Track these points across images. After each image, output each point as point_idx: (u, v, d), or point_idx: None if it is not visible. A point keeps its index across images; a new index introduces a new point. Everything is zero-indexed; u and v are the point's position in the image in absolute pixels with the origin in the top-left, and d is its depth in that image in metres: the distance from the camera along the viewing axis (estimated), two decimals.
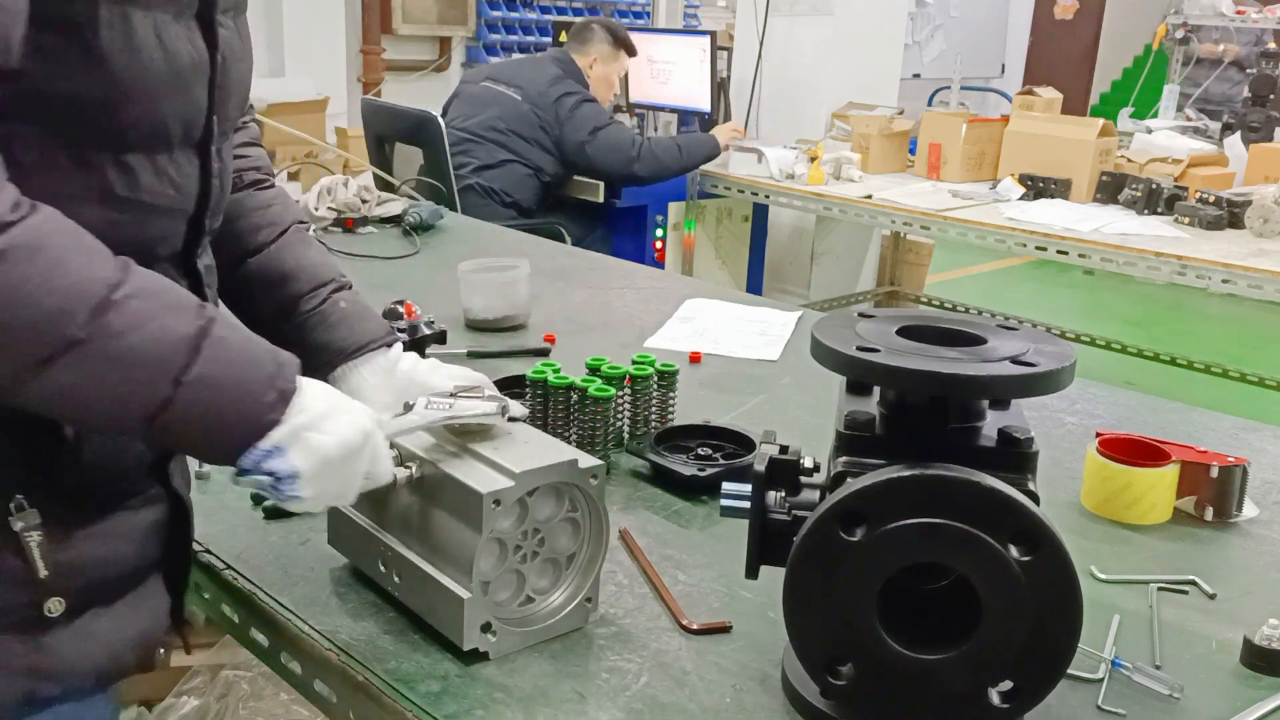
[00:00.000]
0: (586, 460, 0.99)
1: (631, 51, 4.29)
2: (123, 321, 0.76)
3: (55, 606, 0.87)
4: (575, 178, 4.28)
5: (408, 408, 1.00)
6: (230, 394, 0.81)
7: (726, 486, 0.93)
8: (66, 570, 0.87)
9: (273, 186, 1.19)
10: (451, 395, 1.02)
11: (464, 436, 1.01)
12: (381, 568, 1.04)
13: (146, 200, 0.86)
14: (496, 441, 1.00)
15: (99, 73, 0.79)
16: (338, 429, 0.87)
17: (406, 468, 0.99)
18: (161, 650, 1.01)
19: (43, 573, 0.85)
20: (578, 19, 6.92)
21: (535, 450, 0.99)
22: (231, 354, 0.81)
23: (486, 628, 0.96)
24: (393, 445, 1.01)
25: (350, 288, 1.17)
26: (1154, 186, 3.61)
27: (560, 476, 0.97)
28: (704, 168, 4.35)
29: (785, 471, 0.92)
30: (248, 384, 0.82)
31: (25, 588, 0.86)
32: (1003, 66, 10.05)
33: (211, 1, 0.90)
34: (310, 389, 0.87)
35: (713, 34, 4.47)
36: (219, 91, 0.92)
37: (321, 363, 1.10)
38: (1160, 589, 1.15)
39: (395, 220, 2.74)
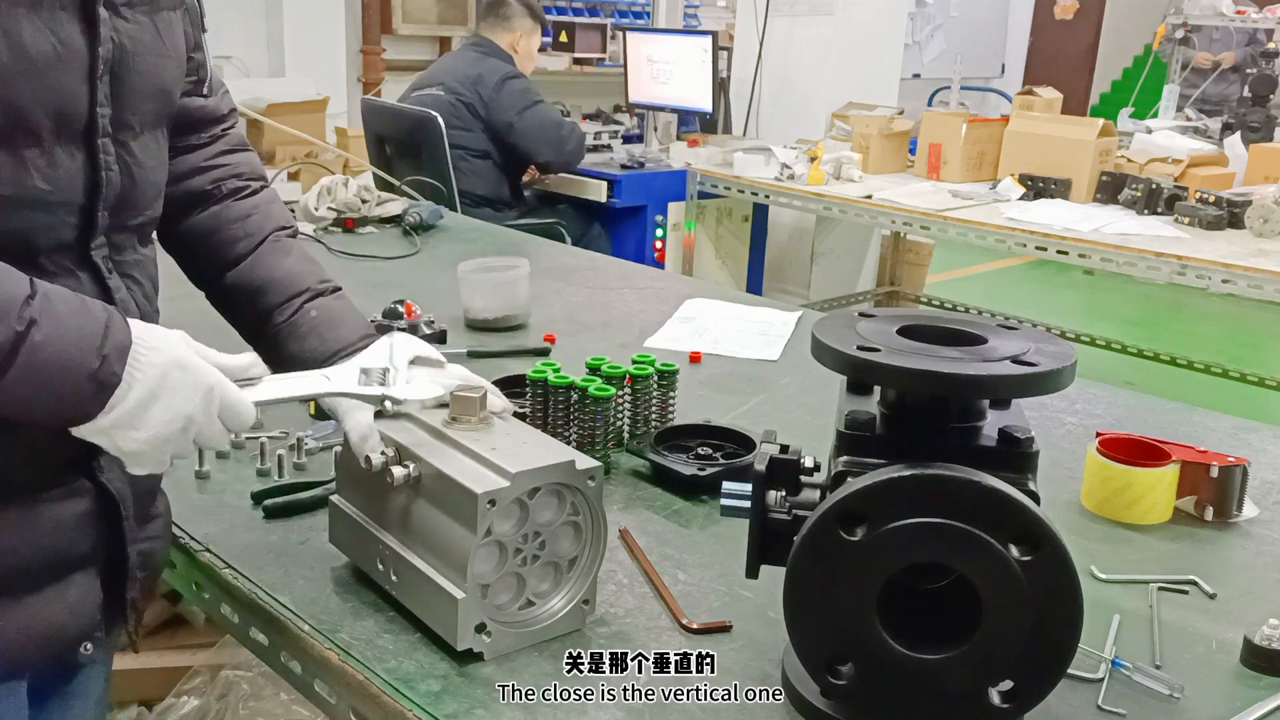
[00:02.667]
0: (584, 461, 0.99)
1: (545, 22, 4.25)
2: None
3: None
4: (571, 176, 4.30)
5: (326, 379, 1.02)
6: (47, 394, 0.81)
7: (727, 486, 0.93)
8: None
9: (257, 193, 1.17)
10: (386, 370, 1.02)
11: (460, 433, 1.01)
12: (379, 566, 1.04)
13: (6, 192, 0.84)
14: (495, 441, 1.00)
15: None
16: (151, 421, 0.85)
17: (404, 467, 0.99)
18: (88, 645, 0.98)
19: None
20: (578, 19, 6.93)
21: (533, 450, 0.99)
22: (45, 357, 0.80)
23: (481, 628, 0.96)
24: (390, 443, 1.01)
25: (330, 292, 1.14)
26: (1154, 186, 3.61)
27: (557, 477, 0.97)
28: (704, 168, 4.36)
29: (785, 471, 0.92)
30: (61, 385, 0.81)
31: None
32: (1003, 66, 10.05)
33: None
34: (143, 366, 0.84)
35: (714, 34, 4.47)
36: (116, 84, 0.90)
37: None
38: (1160, 589, 1.15)
39: (395, 220, 2.74)
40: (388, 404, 1.01)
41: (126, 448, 0.85)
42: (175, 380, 0.85)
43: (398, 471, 0.98)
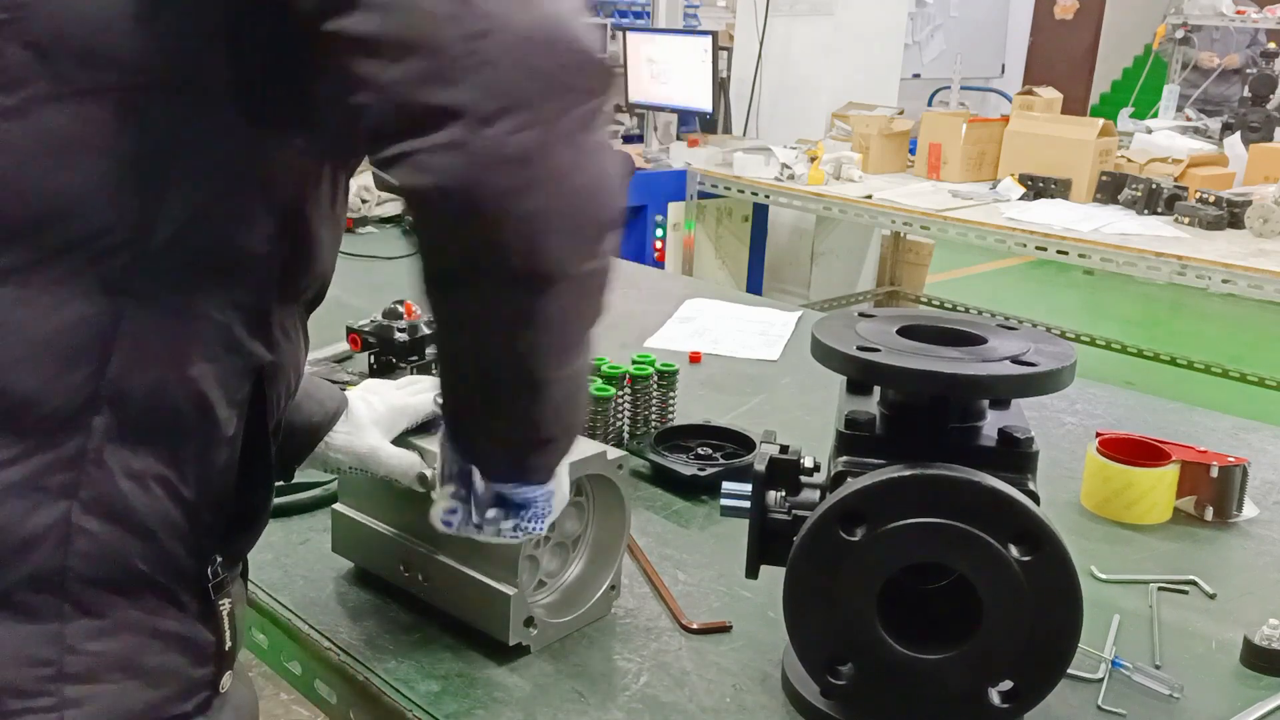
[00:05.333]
0: (613, 451, 1.02)
1: None
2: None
3: (227, 681, 0.78)
4: None
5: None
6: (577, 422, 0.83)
7: (726, 486, 0.94)
8: (238, 638, 0.79)
9: None
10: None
11: None
12: (403, 571, 1.04)
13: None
14: None
15: (317, 234, 0.77)
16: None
17: (435, 469, 0.98)
18: None
19: (229, 643, 0.77)
20: None
21: None
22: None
23: (529, 622, 0.97)
24: (414, 448, 1.01)
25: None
26: (1154, 186, 3.60)
27: (593, 469, 1.00)
28: (704, 168, 4.36)
29: (785, 471, 0.92)
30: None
31: (212, 662, 0.76)
32: (1003, 66, 10.04)
33: None
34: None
35: (714, 34, 4.47)
36: None
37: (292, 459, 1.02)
38: (1160, 589, 1.15)
39: (395, 220, 2.74)
40: None
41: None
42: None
43: (429, 474, 0.98)
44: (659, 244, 4.38)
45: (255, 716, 0.87)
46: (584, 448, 1.01)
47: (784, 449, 0.93)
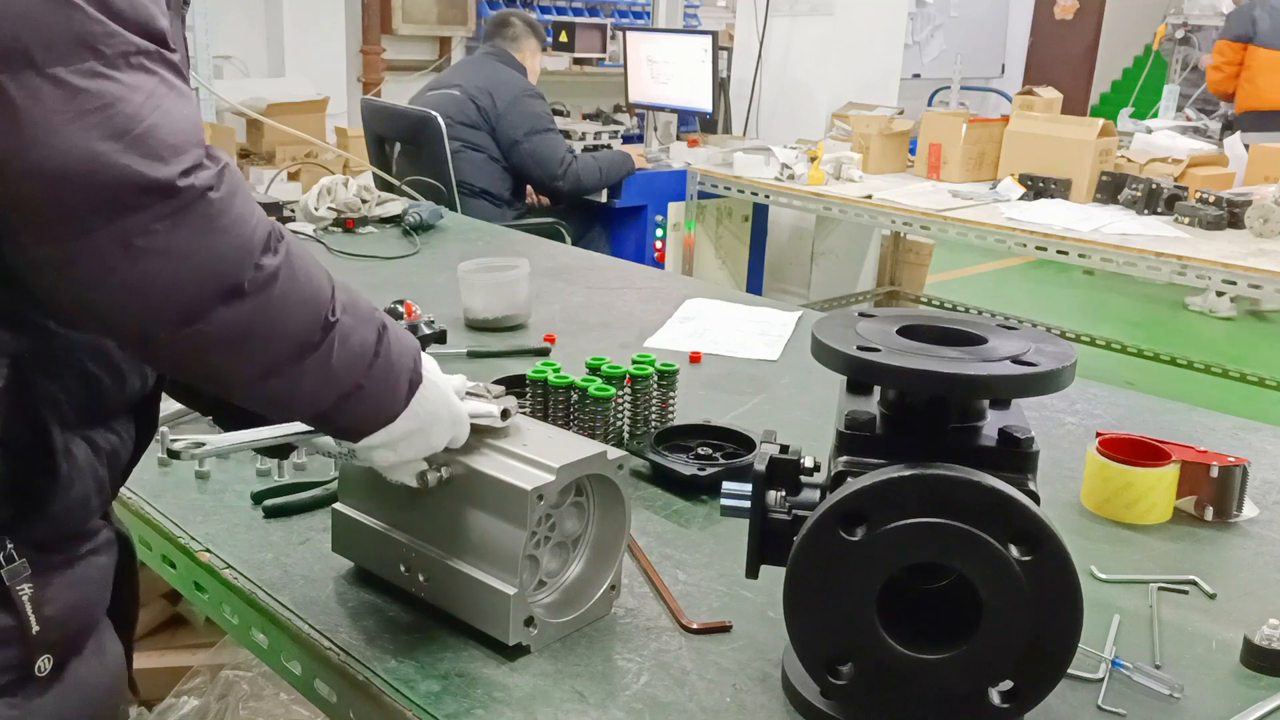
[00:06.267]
0: (613, 451, 1.02)
1: (544, 39, 4.31)
2: (340, 335, 0.82)
3: (44, 665, 0.83)
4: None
5: None
6: (387, 388, 0.88)
7: (727, 486, 0.94)
8: (54, 623, 0.83)
9: None
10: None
11: (483, 434, 1.01)
12: (403, 570, 1.04)
13: None
14: (523, 438, 1.01)
15: None
16: (407, 450, 0.93)
17: (436, 470, 0.99)
18: (123, 705, 0.96)
19: (35, 628, 0.81)
20: (578, 19, 6.92)
21: (565, 444, 1.01)
22: (394, 356, 0.87)
23: (529, 621, 0.97)
24: None
25: None
26: (1154, 186, 3.60)
27: (593, 468, 1.00)
28: (704, 168, 4.36)
29: (785, 471, 0.92)
30: (398, 385, 0.88)
31: (17, 646, 0.81)
32: (1003, 66, 10.05)
33: None
34: (425, 390, 0.91)
35: (714, 34, 4.47)
36: None
37: None
38: (1160, 589, 1.15)
39: (395, 220, 2.74)
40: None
41: (380, 462, 0.94)
42: (442, 416, 0.93)
43: (430, 475, 0.98)
44: (659, 244, 4.38)
45: (115, 694, 0.92)
46: (584, 448, 1.01)
47: (784, 449, 0.93)
